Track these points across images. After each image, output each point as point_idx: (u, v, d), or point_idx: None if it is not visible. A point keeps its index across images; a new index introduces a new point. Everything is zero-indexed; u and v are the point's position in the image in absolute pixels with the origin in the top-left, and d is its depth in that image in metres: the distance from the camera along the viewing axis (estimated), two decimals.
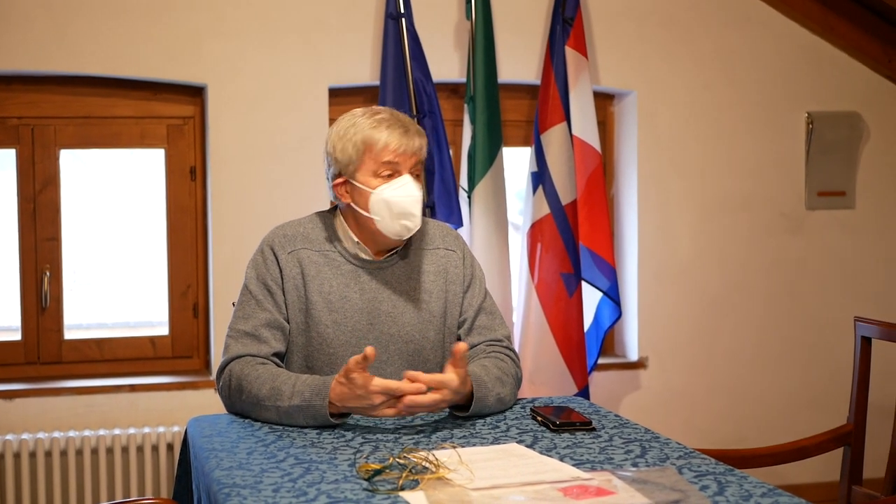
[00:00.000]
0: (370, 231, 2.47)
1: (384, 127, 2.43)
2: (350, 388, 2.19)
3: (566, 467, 1.93)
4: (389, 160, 2.42)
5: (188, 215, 4.17)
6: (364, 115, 2.47)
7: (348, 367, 2.18)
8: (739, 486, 1.83)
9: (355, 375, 2.18)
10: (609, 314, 4.29)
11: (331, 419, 2.23)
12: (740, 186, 4.61)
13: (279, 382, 2.29)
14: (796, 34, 4.63)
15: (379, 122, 2.44)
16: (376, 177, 2.43)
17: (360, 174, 2.44)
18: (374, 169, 2.43)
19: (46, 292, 4.03)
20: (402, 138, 2.42)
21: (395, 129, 2.43)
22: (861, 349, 3.13)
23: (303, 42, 4.12)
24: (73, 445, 3.85)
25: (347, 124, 2.47)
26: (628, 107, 4.54)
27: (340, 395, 2.21)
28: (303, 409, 2.24)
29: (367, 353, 2.16)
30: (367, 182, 2.43)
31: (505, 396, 2.40)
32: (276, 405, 2.27)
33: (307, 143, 4.11)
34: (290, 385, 2.27)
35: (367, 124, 2.44)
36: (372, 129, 2.43)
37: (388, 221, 2.43)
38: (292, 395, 2.25)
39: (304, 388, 2.25)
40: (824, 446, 3.08)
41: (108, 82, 4.06)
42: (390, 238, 2.46)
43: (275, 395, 2.27)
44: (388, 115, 2.47)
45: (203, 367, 4.20)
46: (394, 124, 2.44)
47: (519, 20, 4.32)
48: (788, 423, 4.63)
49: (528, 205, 4.23)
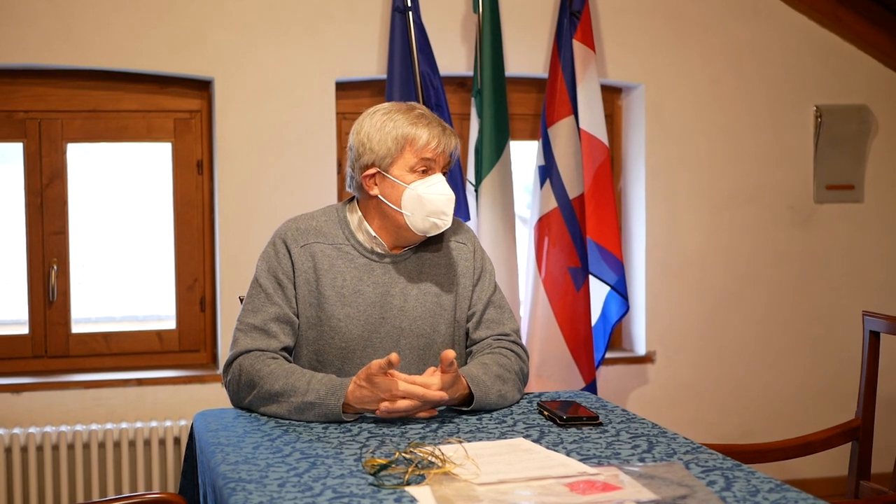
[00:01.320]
0: (396, 225, 2.46)
1: (424, 124, 2.44)
2: (372, 391, 2.21)
3: (573, 462, 1.93)
4: (428, 157, 2.43)
5: (195, 209, 4.18)
6: (401, 111, 2.47)
7: (371, 370, 2.19)
8: (747, 481, 1.82)
9: (379, 380, 2.20)
10: (616, 308, 4.28)
11: (344, 418, 2.24)
12: (748, 180, 4.60)
13: (294, 379, 2.29)
14: (804, 27, 4.61)
15: (418, 118, 2.45)
16: (412, 172, 2.43)
17: (395, 168, 2.44)
18: (412, 164, 2.43)
19: (54, 286, 4.04)
20: (441, 136, 2.44)
21: (435, 128, 2.45)
22: (869, 343, 3.11)
23: (310, 35, 4.11)
24: (81, 439, 3.86)
25: (384, 118, 2.46)
26: (636, 100, 4.53)
27: (360, 398, 2.22)
28: (316, 407, 2.24)
29: (392, 359, 2.17)
30: (402, 177, 2.43)
31: (507, 393, 2.39)
32: (289, 401, 2.27)
33: (314, 136, 4.11)
34: (306, 382, 2.27)
35: (406, 120, 2.44)
36: (412, 126, 2.43)
37: (418, 217, 2.43)
38: (307, 392, 2.26)
39: (319, 386, 2.26)
40: (832, 441, 3.07)
41: (115, 76, 4.06)
42: (416, 234, 2.46)
43: (289, 391, 2.27)
44: (425, 111, 2.49)
45: (210, 361, 4.20)
46: (433, 122, 2.46)
47: (526, 13, 4.31)
48: (796, 417, 4.62)
49: (535, 199, 4.22)
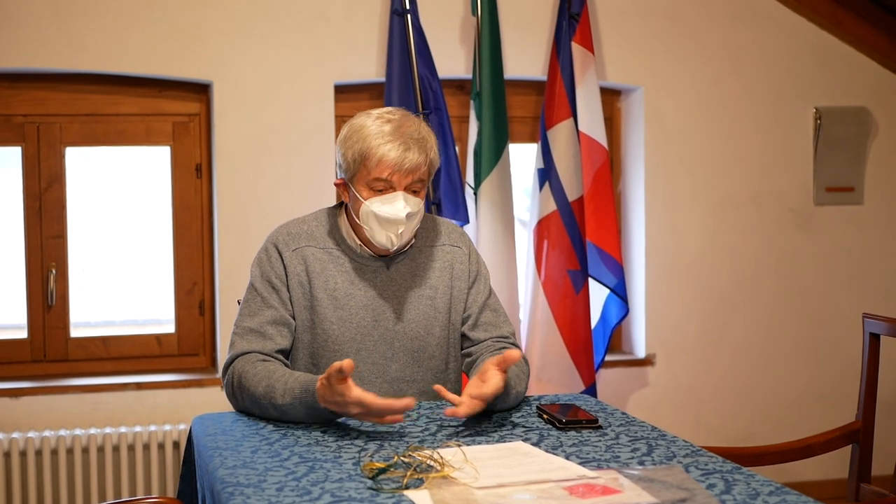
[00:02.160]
0: (363, 236, 2.47)
1: (386, 140, 2.36)
2: (330, 393, 2.15)
3: (572, 466, 1.92)
4: (382, 177, 2.37)
5: (194, 213, 4.17)
6: (376, 123, 2.39)
7: (330, 371, 2.12)
8: (747, 484, 1.81)
9: (334, 383, 2.13)
10: (616, 311, 4.28)
11: (326, 413, 2.20)
12: (748, 182, 4.60)
13: (273, 380, 2.28)
14: (803, 29, 4.61)
15: (382, 134, 2.36)
16: (369, 188, 2.39)
17: (356, 182, 2.41)
18: (369, 182, 2.39)
19: (52, 290, 4.03)
20: (398, 156, 2.35)
21: (396, 146, 2.35)
22: (869, 346, 3.11)
23: (308, 39, 4.11)
24: (80, 443, 3.85)
25: (357, 126, 2.41)
26: (635, 103, 4.53)
27: (323, 395, 2.18)
28: (295, 407, 2.23)
29: (344, 366, 2.08)
30: (361, 192, 2.40)
31: (521, 393, 2.40)
32: (271, 403, 2.26)
33: (313, 139, 4.11)
34: (283, 382, 2.26)
35: (373, 134, 2.37)
36: (373, 140, 2.36)
37: (375, 232, 2.41)
38: (284, 393, 2.25)
39: (294, 385, 2.24)
40: (832, 444, 3.06)
41: (114, 79, 4.06)
42: (379, 247, 2.46)
43: (269, 393, 2.27)
44: (394, 126, 2.38)
45: (209, 365, 4.19)
46: (396, 140, 2.36)
47: (525, 16, 4.31)
48: (797, 419, 4.61)
49: (534, 201, 4.21)
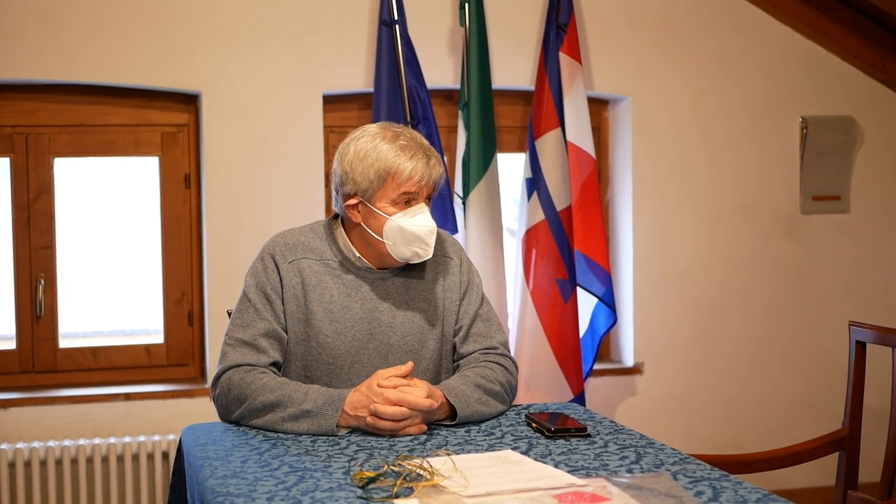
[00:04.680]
0: (378, 252, 2.45)
1: (408, 156, 2.38)
2: (367, 396, 2.25)
3: (561, 474, 1.93)
4: (411, 190, 2.39)
5: (183, 223, 4.17)
6: (385, 140, 2.41)
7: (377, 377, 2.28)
8: (734, 491, 1.82)
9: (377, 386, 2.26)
10: (604, 320, 4.29)
11: (336, 431, 2.25)
12: (735, 191, 4.62)
13: (289, 389, 2.30)
14: (790, 39, 4.64)
15: (402, 150, 2.38)
16: (394, 204, 2.40)
17: (377, 200, 2.40)
18: (394, 197, 2.39)
19: (41, 301, 4.03)
20: (425, 169, 2.39)
21: (420, 159, 2.39)
22: (856, 353, 3.12)
23: (297, 49, 4.12)
24: (69, 454, 3.84)
25: (368, 146, 2.40)
26: (623, 112, 4.55)
27: (353, 402, 2.26)
28: (312, 415, 2.25)
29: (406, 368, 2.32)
30: (384, 209, 2.40)
31: (488, 403, 2.39)
32: (285, 410, 2.28)
33: (302, 150, 4.11)
34: (303, 392, 2.29)
35: (390, 150, 2.38)
36: (396, 157, 2.38)
37: (400, 247, 2.41)
38: (304, 401, 2.27)
39: (317, 395, 2.28)
40: (819, 451, 3.07)
41: (102, 90, 4.06)
42: (397, 261, 2.46)
43: (285, 402, 2.28)
44: (409, 140, 2.42)
45: (198, 375, 4.19)
46: (417, 152, 2.39)
47: (513, 26, 4.32)
48: (786, 427, 4.62)
49: (522, 211, 4.23)
